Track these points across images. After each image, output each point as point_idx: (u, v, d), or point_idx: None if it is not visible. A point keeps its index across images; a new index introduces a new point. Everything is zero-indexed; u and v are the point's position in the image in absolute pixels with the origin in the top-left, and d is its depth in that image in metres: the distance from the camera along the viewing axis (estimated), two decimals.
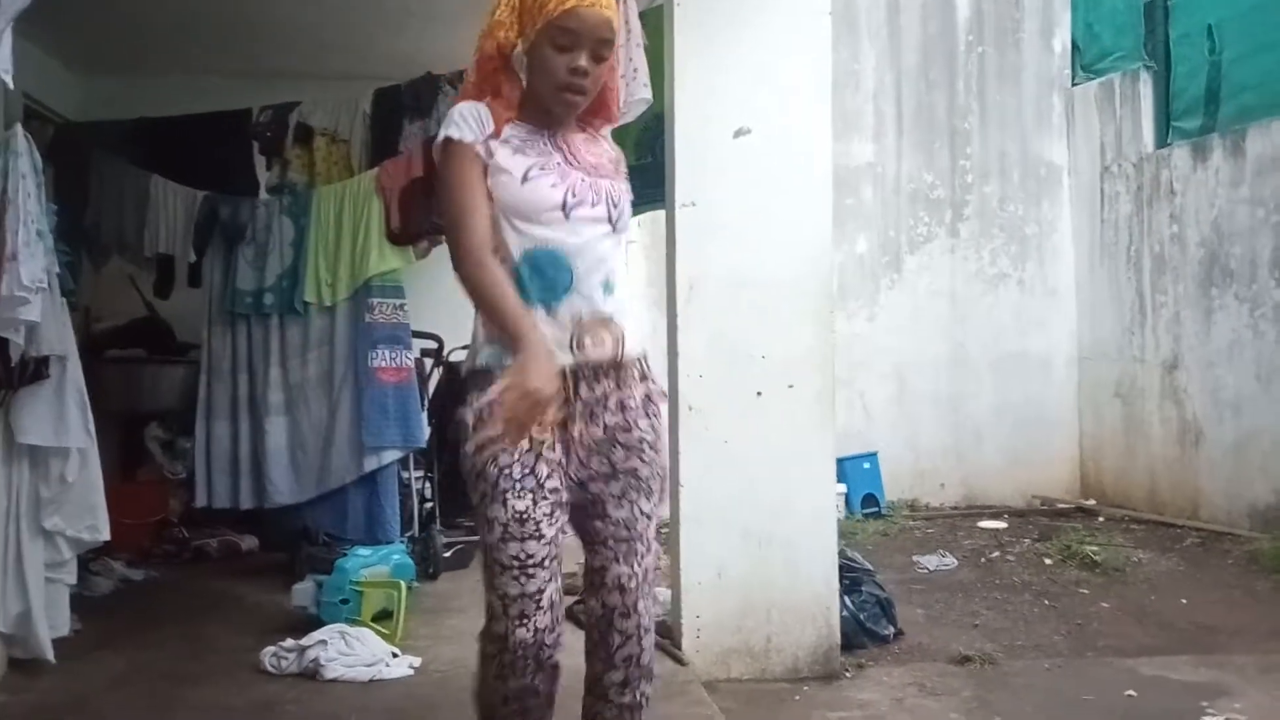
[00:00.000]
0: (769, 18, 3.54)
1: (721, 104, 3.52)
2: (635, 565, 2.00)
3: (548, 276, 1.96)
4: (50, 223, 3.32)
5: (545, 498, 1.91)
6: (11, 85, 2.17)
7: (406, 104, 4.95)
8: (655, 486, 2.04)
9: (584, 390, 1.96)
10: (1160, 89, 6.63)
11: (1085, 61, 7.22)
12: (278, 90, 5.31)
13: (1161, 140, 6.58)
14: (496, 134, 1.97)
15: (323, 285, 4.73)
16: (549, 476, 1.92)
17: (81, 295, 4.86)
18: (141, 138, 5.30)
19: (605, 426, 1.98)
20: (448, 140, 1.96)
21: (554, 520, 1.93)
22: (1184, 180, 6.24)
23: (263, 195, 5.17)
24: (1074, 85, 7.23)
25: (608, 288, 2.00)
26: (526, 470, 1.90)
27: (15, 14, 2.07)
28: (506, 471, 1.90)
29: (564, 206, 1.96)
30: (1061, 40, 7.27)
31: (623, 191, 2.07)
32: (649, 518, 2.03)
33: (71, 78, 5.90)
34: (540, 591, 1.90)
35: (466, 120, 1.96)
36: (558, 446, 1.95)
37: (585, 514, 2.02)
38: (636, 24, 3.75)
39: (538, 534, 1.90)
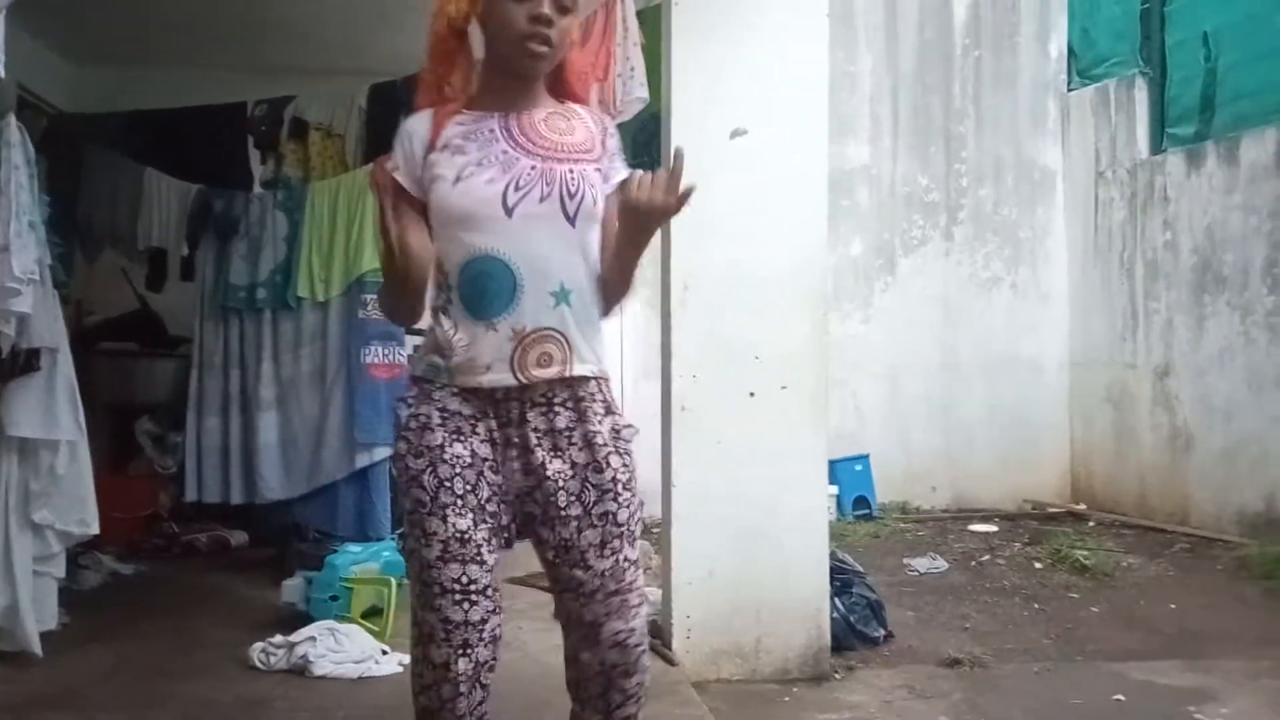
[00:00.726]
0: (767, 19, 3.54)
1: (718, 104, 3.52)
2: (630, 619, 1.84)
3: (488, 289, 1.77)
4: (43, 214, 3.31)
5: (485, 521, 1.78)
6: (3, 74, 2.15)
7: (403, 100, 4.92)
8: (636, 529, 1.87)
9: (540, 421, 1.80)
10: (1155, 95, 6.64)
11: (1081, 67, 7.24)
12: (274, 84, 5.29)
13: (1156, 147, 6.59)
14: (433, 142, 1.82)
15: (316, 280, 4.71)
16: (489, 500, 1.80)
17: (73, 288, 4.85)
18: (136, 130, 5.27)
19: (574, 464, 1.81)
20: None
21: (493, 546, 1.80)
22: (1178, 187, 6.26)
23: (257, 189, 5.15)
24: (1070, 90, 7.25)
25: (562, 295, 1.79)
26: (468, 487, 1.77)
27: (7, 3, 2.05)
28: (447, 485, 1.76)
29: (504, 203, 1.76)
30: (1058, 45, 7.28)
31: (586, 176, 1.82)
32: (635, 564, 1.87)
33: (66, 68, 5.88)
34: (484, 621, 1.77)
35: (397, 143, 1.89)
36: (502, 472, 1.81)
37: (562, 560, 1.84)
38: (634, 23, 3.76)
39: (479, 558, 1.76)
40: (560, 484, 1.81)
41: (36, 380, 3.29)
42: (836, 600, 3.70)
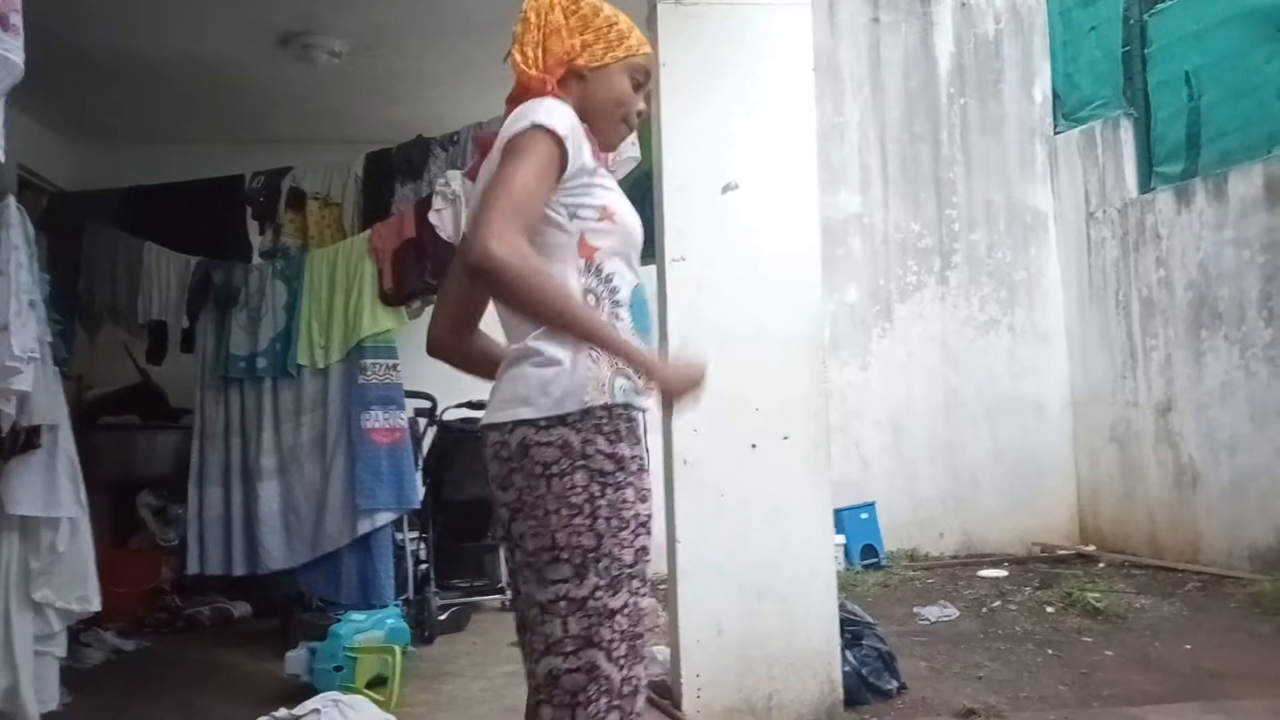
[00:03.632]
0: (753, 76, 3.61)
1: (708, 160, 3.56)
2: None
3: (647, 315, 1.83)
4: (43, 292, 3.34)
5: None
6: (4, 158, 2.19)
7: (398, 167, 5.01)
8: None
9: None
10: (1141, 135, 6.73)
11: (1066, 110, 7.34)
12: (270, 155, 5.38)
13: (1145, 185, 6.66)
14: (595, 151, 1.78)
15: (315, 347, 4.73)
16: None
17: (74, 363, 4.86)
18: (135, 206, 5.34)
19: None
20: (539, 127, 1.65)
21: None
22: (1169, 224, 6.31)
23: (256, 259, 5.20)
24: (1056, 133, 7.34)
25: None
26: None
27: (5, 90, 2.09)
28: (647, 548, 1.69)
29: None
30: (1042, 90, 7.40)
31: None
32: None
33: (65, 147, 5.97)
34: None
35: (565, 122, 1.69)
36: None
37: None
38: None
39: None
40: None
41: (37, 457, 3.29)
42: (848, 653, 3.65)
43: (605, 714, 1.62)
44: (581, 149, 1.72)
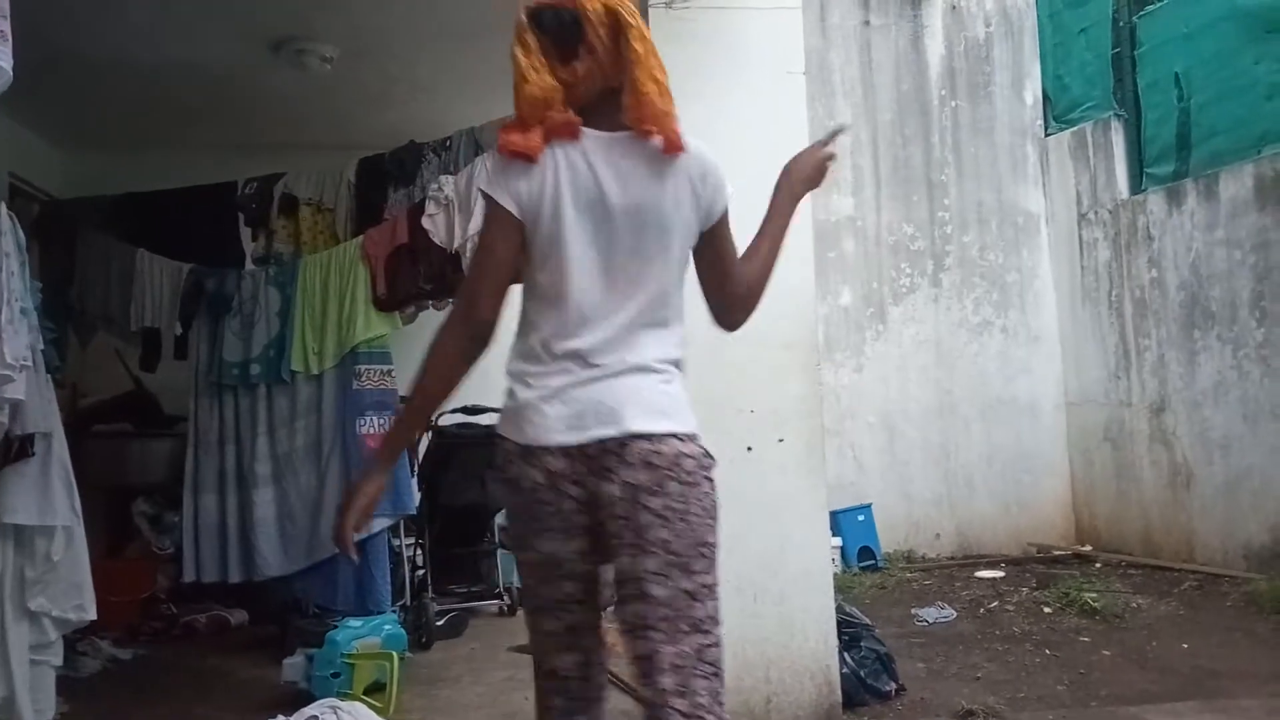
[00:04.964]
0: (744, 80, 3.62)
1: None
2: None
3: None
4: (35, 300, 3.32)
5: None
6: None
7: (390, 172, 5.00)
8: None
9: None
10: (1132, 136, 6.75)
11: (1057, 112, 7.37)
12: (263, 161, 5.37)
13: (1136, 186, 6.68)
14: None
15: (309, 353, 4.72)
16: None
17: (67, 371, 4.85)
18: (127, 213, 5.33)
19: None
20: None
21: None
22: (1160, 225, 6.33)
23: (249, 266, 5.19)
24: (1047, 135, 7.37)
25: None
26: None
27: None
28: None
29: None
30: (1033, 92, 7.42)
31: None
32: None
33: (57, 154, 5.96)
34: None
35: None
36: None
37: None
38: None
39: None
40: None
41: (31, 466, 3.27)
42: (845, 655, 3.65)
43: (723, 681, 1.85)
44: None
